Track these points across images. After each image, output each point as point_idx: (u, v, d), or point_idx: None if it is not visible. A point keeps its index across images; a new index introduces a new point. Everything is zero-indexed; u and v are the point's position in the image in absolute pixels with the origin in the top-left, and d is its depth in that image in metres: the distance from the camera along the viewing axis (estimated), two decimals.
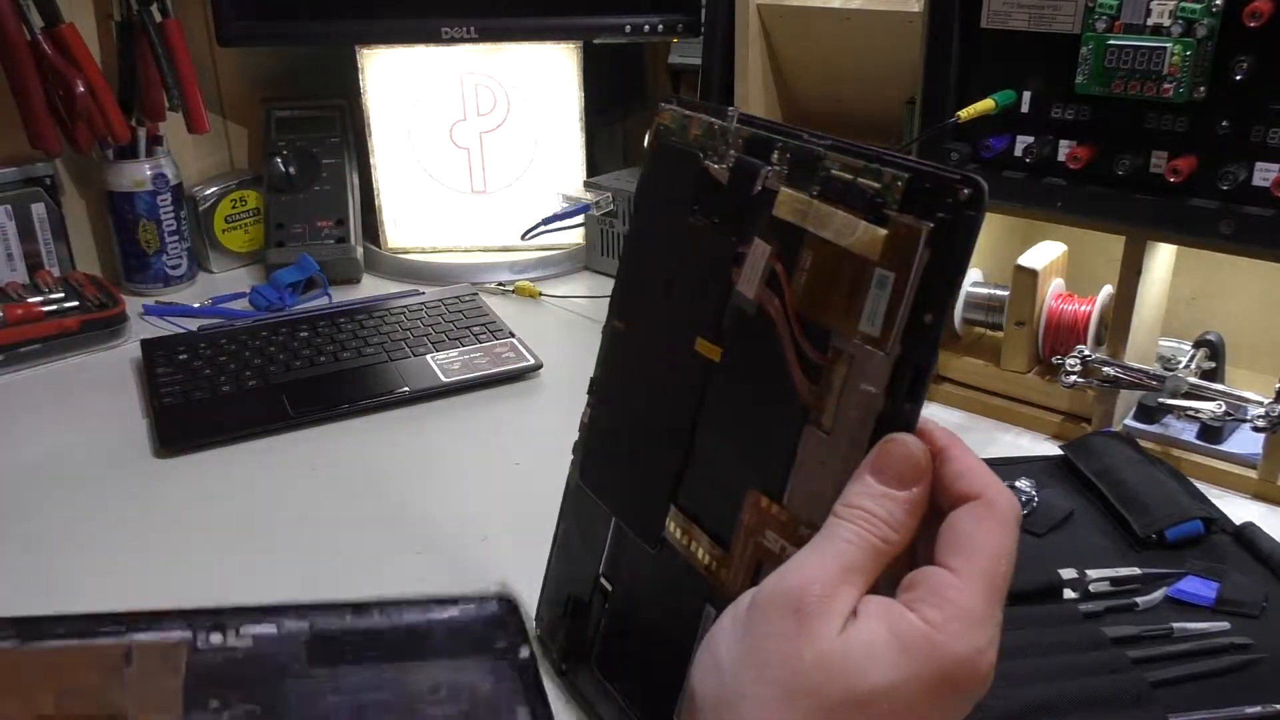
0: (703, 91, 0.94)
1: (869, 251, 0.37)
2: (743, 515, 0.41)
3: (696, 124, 0.46)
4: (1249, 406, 0.70)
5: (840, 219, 0.38)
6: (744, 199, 0.43)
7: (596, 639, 0.50)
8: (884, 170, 0.37)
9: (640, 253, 0.50)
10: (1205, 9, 0.63)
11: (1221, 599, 0.59)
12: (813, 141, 0.40)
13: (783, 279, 0.40)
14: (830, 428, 0.38)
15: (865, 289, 0.37)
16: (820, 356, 0.39)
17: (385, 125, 1.15)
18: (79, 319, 0.97)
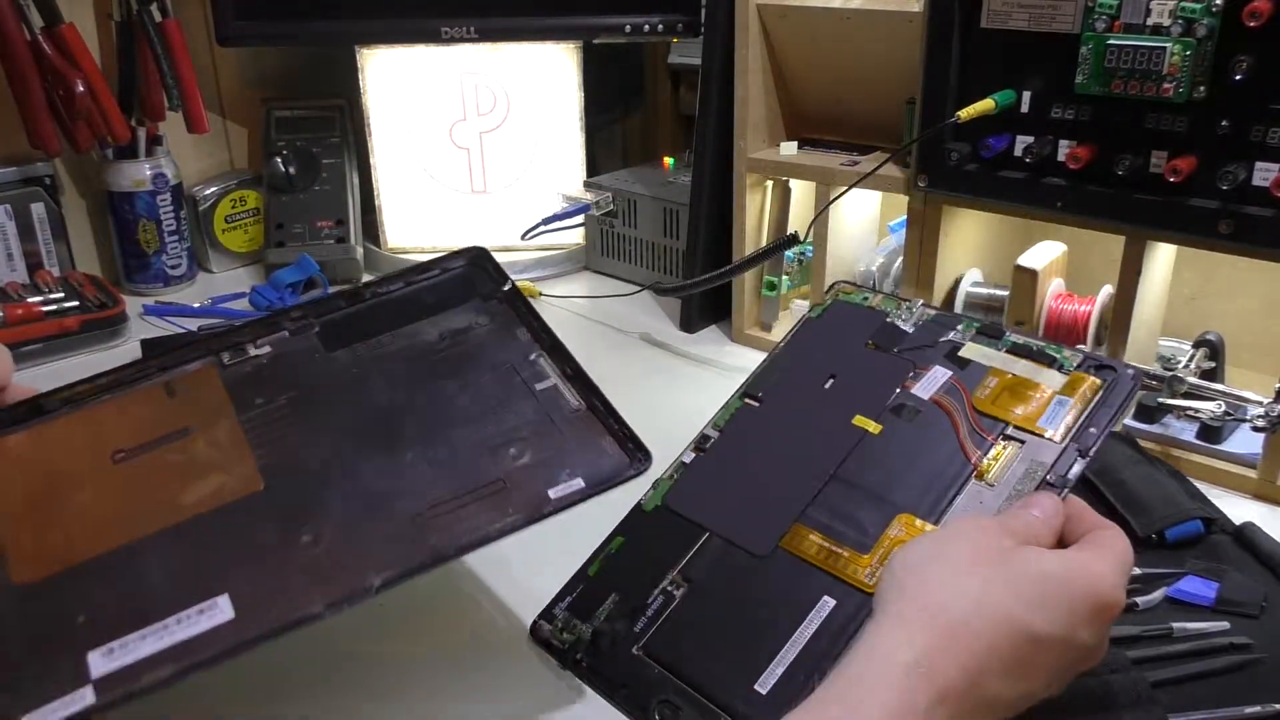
0: (702, 91, 0.94)
1: (1052, 384, 0.55)
2: (891, 530, 0.51)
3: (879, 299, 0.63)
4: (1249, 406, 0.70)
5: (1025, 364, 0.56)
6: (929, 343, 0.59)
7: (649, 630, 0.53)
8: (1064, 347, 0.56)
9: (796, 360, 0.62)
10: (1205, 9, 0.63)
11: (1221, 599, 0.59)
12: (991, 324, 0.59)
13: (963, 390, 0.56)
14: (994, 483, 0.52)
15: (1045, 405, 0.54)
16: (993, 438, 0.54)
17: (385, 125, 1.15)
18: (79, 319, 0.97)
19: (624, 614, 0.54)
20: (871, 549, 0.51)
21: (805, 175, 0.91)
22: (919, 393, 0.57)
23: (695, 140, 0.97)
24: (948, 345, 0.58)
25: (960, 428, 0.54)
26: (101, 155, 1.07)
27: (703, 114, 0.95)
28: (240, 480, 0.50)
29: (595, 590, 0.56)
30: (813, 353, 0.62)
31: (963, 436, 0.54)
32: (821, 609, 0.49)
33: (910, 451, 0.54)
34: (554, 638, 0.55)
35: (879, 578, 0.46)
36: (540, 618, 0.56)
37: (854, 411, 0.57)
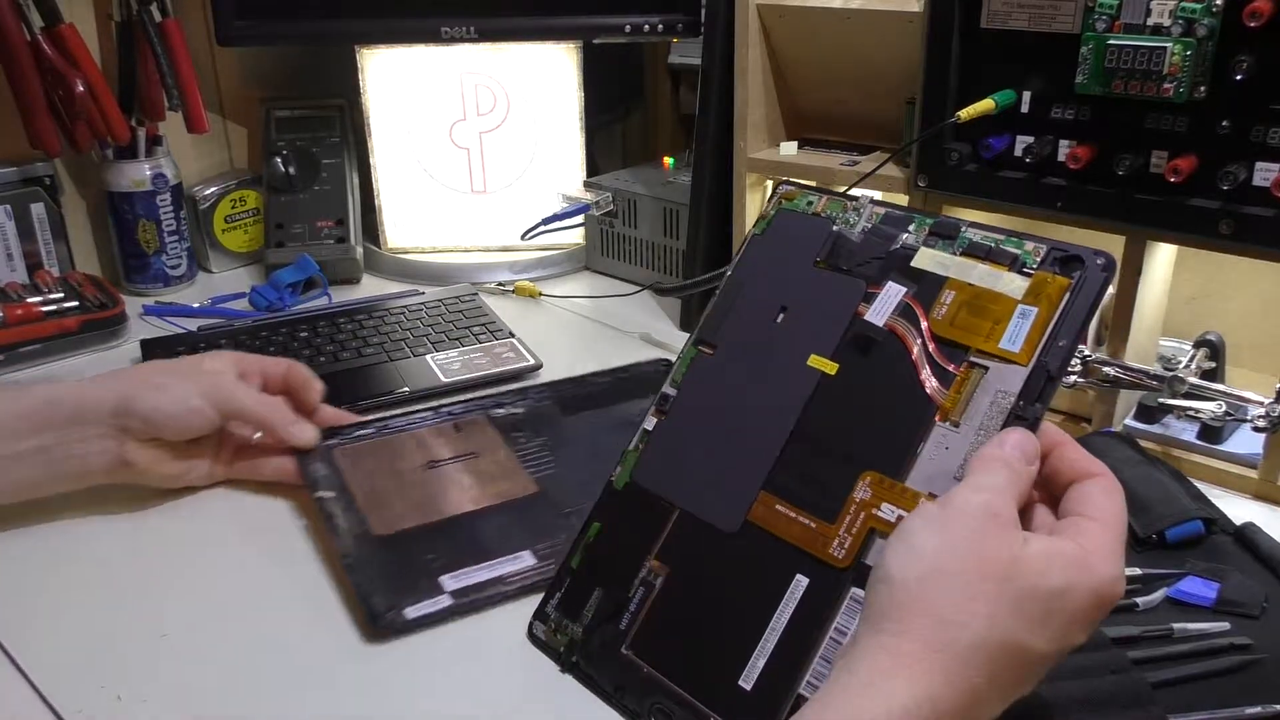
0: (702, 91, 0.94)
1: (1013, 292, 0.49)
2: (855, 493, 0.49)
3: (825, 201, 0.58)
4: (1249, 406, 0.70)
5: (983, 269, 0.50)
6: (878, 254, 0.54)
7: (633, 626, 0.53)
8: (1024, 240, 0.50)
9: (746, 292, 0.58)
10: (1205, 9, 0.63)
11: (1222, 599, 0.59)
12: (947, 220, 0.53)
13: (919, 311, 0.51)
14: (959, 421, 0.48)
15: (1006, 319, 0.49)
16: (955, 368, 0.49)
17: (385, 125, 1.15)
18: (78, 319, 0.97)
19: (610, 610, 0.54)
20: (838, 516, 0.49)
21: (805, 175, 0.91)
22: (873, 318, 0.52)
23: (695, 140, 0.97)
24: (900, 254, 0.53)
25: (918, 360, 0.50)
26: (101, 155, 1.07)
27: (703, 114, 0.95)
28: (520, 486, 0.71)
29: (580, 584, 0.56)
30: (761, 280, 0.57)
31: (921, 371, 0.50)
32: (795, 590, 0.49)
33: (869, 394, 0.51)
34: (549, 639, 0.56)
35: (871, 580, 0.43)
36: (535, 617, 0.57)
37: (809, 349, 0.53)
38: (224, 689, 0.55)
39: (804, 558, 0.49)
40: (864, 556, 0.48)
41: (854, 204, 0.56)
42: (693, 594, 0.52)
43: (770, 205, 0.60)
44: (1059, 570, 0.41)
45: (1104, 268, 0.48)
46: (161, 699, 0.55)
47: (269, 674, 0.57)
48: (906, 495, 0.48)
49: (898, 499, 0.48)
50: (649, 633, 0.53)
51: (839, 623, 0.47)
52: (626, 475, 0.57)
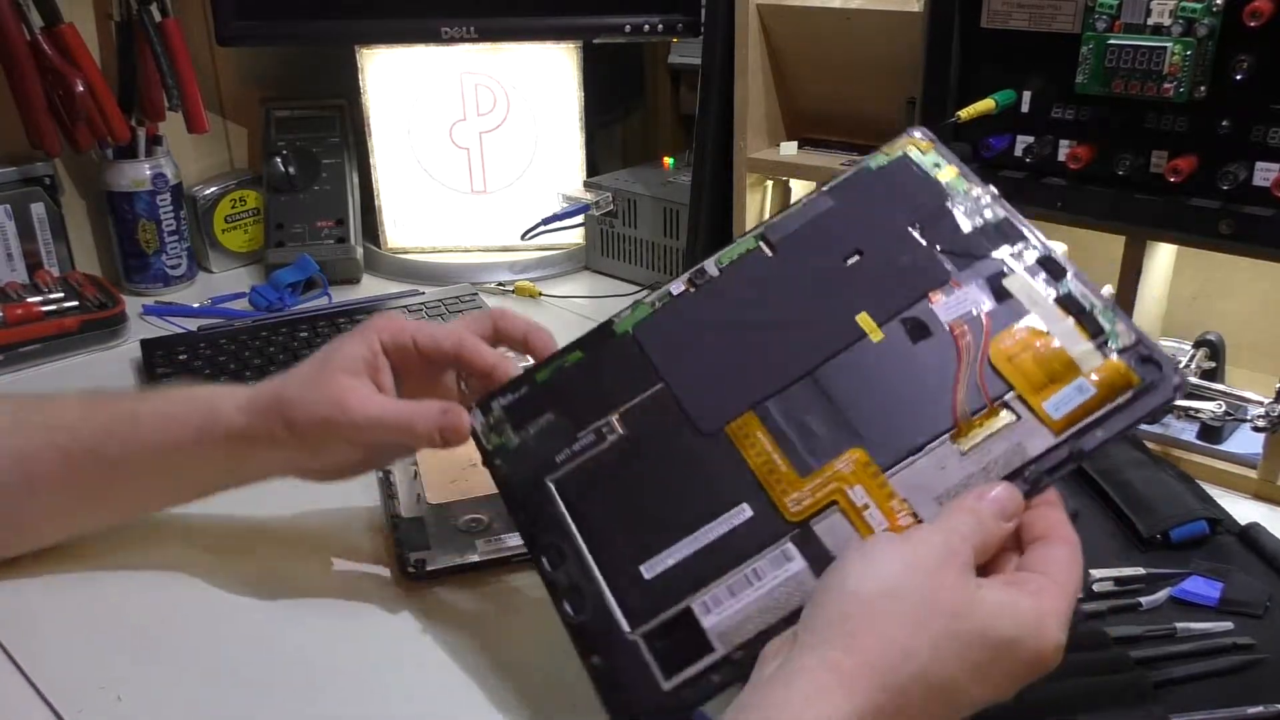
0: (702, 91, 0.94)
1: (1084, 363, 0.46)
2: (837, 462, 0.48)
3: (954, 173, 0.54)
4: (1249, 406, 0.71)
5: (1068, 326, 0.47)
6: (978, 254, 0.51)
7: (568, 464, 0.53)
8: (1119, 319, 0.47)
9: (831, 217, 0.55)
10: (1205, 9, 0.63)
11: (1225, 599, 0.59)
12: (1060, 259, 0.50)
13: (985, 330, 0.49)
14: (968, 451, 0.46)
15: (1063, 384, 0.46)
16: (991, 400, 0.47)
17: (385, 125, 1.15)
18: (78, 319, 0.97)
19: (553, 439, 0.54)
20: (810, 474, 0.48)
21: (805, 175, 0.91)
22: (940, 312, 0.50)
23: (695, 140, 0.97)
24: (997, 266, 0.50)
25: (962, 374, 0.48)
26: (101, 155, 1.07)
27: (703, 114, 0.95)
28: None
29: (537, 399, 0.56)
30: (852, 214, 0.55)
31: (960, 385, 0.48)
32: (736, 515, 0.48)
33: (900, 377, 0.49)
34: (484, 433, 0.56)
35: (823, 587, 0.43)
36: (478, 404, 0.57)
37: (863, 306, 0.51)
38: (224, 689, 0.55)
39: (759, 493, 0.49)
40: (813, 522, 0.47)
41: (981, 191, 0.53)
42: (638, 467, 0.52)
43: (898, 145, 0.56)
44: (1011, 622, 0.40)
45: (1177, 387, 0.45)
46: (161, 699, 0.55)
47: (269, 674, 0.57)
48: (884, 490, 0.47)
49: (873, 490, 0.47)
50: (580, 478, 0.52)
51: (759, 566, 0.47)
52: (629, 324, 0.56)
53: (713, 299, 0.55)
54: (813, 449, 0.49)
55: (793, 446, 0.49)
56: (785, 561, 0.47)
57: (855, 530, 0.46)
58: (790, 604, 0.45)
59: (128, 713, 0.54)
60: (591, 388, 0.55)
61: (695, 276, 0.56)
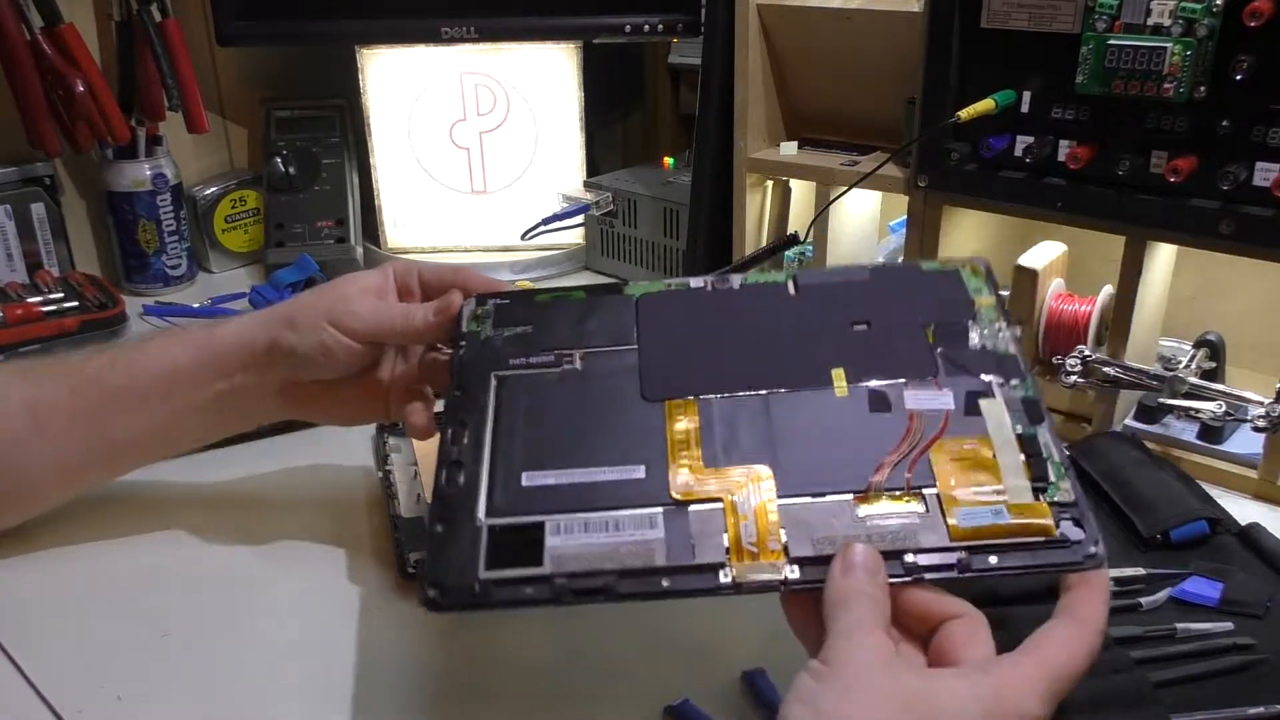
0: (702, 91, 0.94)
1: (1012, 497, 0.46)
2: (737, 469, 0.49)
3: (989, 302, 0.56)
4: (1249, 406, 0.70)
5: (1016, 462, 0.48)
6: (971, 370, 0.52)
7: (517, 370, 0.56)
8: (1067, 477, 0.47)
9: (868, 287, 0.58)
10: (1205, 9, 0.63)
11: (1226, 599, 0.59)
12: (1043, 409, 0.50)
13: (940, 428, 0.50)
14: (863, 517, 0.47)
15: (983, 505, 0.46)
16: (909, 484, 0.47)
17: (385, 125, 1.15)
18: (79, 319, 0.97)
19: (518, 345, 0.57)
20: (710, 469, 0.49)
21: (805, 175, 0.91)
22: (908, 397, 0.52)
23: (695, 140, 0.97)
24: (982, 386, 0.52)
25: (897, 452, 0.49)
26: (101, 155, 1.07)
27: (703, 114, 0.95)
28: None
29: (525, 312, 0.59)
30: (882, 295, 0.58)
31: (889, 460, 0.49)
32: (630, 471, 0.50)
33: (841, 434, 0.50)
34: (467, 318, 0.60)
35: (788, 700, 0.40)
36: (476, 297, 0.61)
37: (844, 364, 0.53)
38: (225, 689, 0.55)
39: (660, 462, 0.50)
40: (691, 506, 0.48)
41: (1005, 326, 0.55)
42: (573, 397, 0.54)
43: (956, 263, 0.59)
44: (971, 699, 0.39)
45: (1089, 557, 0.44)
46: (161, 699, 0.55)
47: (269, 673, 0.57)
48: (769, 509, 0.47)
49: (760, 505, 0.48)
50: (520, 384, 0.55)
51: (623, 519, 0.48)
52: (639, 291, 0.60)
53: (721, 303, 0.58)
54: (729, 451, 0.50)
55: (712, 440, 0.51)
56: (648, 526, 0.47)
57: (725, 531, 0.47)
58: (629, 563, 0.46)
59: (128, 713, 0.54)
60: (575, 324, 0.58)
61: (718, 281, 0.59)
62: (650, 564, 0.46)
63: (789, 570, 0.45)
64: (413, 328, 0.62)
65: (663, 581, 0.46)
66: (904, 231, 0.84)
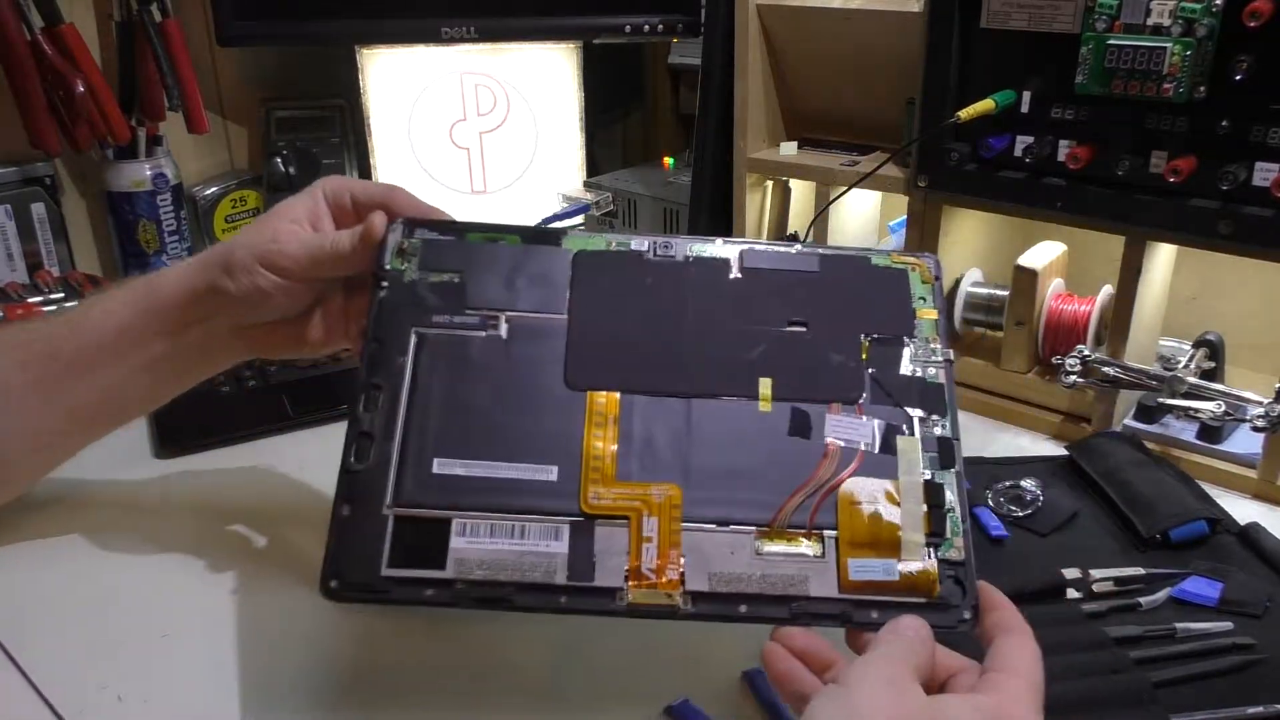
0: (702, 91, 0.94)
1: (905, 553, 0.48)
2: (654, 488, 0.49)
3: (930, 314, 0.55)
4: (1249, 406, 0.70)
5: (918, 513, 0.49)
6: (896, 400, 0.52)
7: (439, 330, 0.53)
8: (962, 538, 0.48)
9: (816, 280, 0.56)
10: (1205, 9, 0.63)
11: (1225, 599, 0.59)
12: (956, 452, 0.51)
13: (853, 466, 0.50)
14: (762, 554, 0.48)
15: (876, 555, 0.48)
16: (813, 525, 0.48)
17: (385, 125, 1.15)
18: None
19: (443, 297, 0.54)
20: (622, 482, 0.49)
21: (805, 175, 0.91)
22: (830, 425, 0.51)
23: (695, 140, 0.97)
24: (902, 419, 0.51)
25: (807, 488, 0.49)
26: (101, 155, 1.07)
27: (703, 114, 0.95)
28: None
29: (455, 253, 0.56)
30: (825, 289, 0.55)
31: (798, 496, 0.49)
32: (542, 472, 0.49)
33: (758, 453, 0.50)
34: (392, 250, 0.56)
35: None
36: (404, 222, 0.57)
37: (774, 374, 0.52)
38: (225, 689, 0.55)
39: (573, 469, 0.49)
40: (599, 522, 0.48)
41: (940, 348, 0.54)
42: (494, 373, 0.52)
43: (908, 260, 0.57)
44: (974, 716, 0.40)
45: (963, 622, 0.46)
46: (161, 699, 0.55)
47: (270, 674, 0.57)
48: (673, 537, 0.48)
49: (664, 530, 0.48)
50: (440, 347, 0.53)
51: (529, 526, 0.48)
52: (577, 245, 0.56)
53: (661, 276, 0.55)
54: (644, 462, 0.49)
55: (628, 449, 0.50)
56: (552, 538, 0.48)
57: (627, 553, 0.47)
58: (529, 576, 0.47)
59: (128, 713, 0.54)
60: (505, 276, 0.55)
61: (661, 248, 0.56)
62: (550, 580, 0.46)
63: (682, 602, 0.47)
64: (340, 255, 0.58)
65: (560, 598, 0.47)
66: (904, 231, 0.84)
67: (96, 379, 0.61)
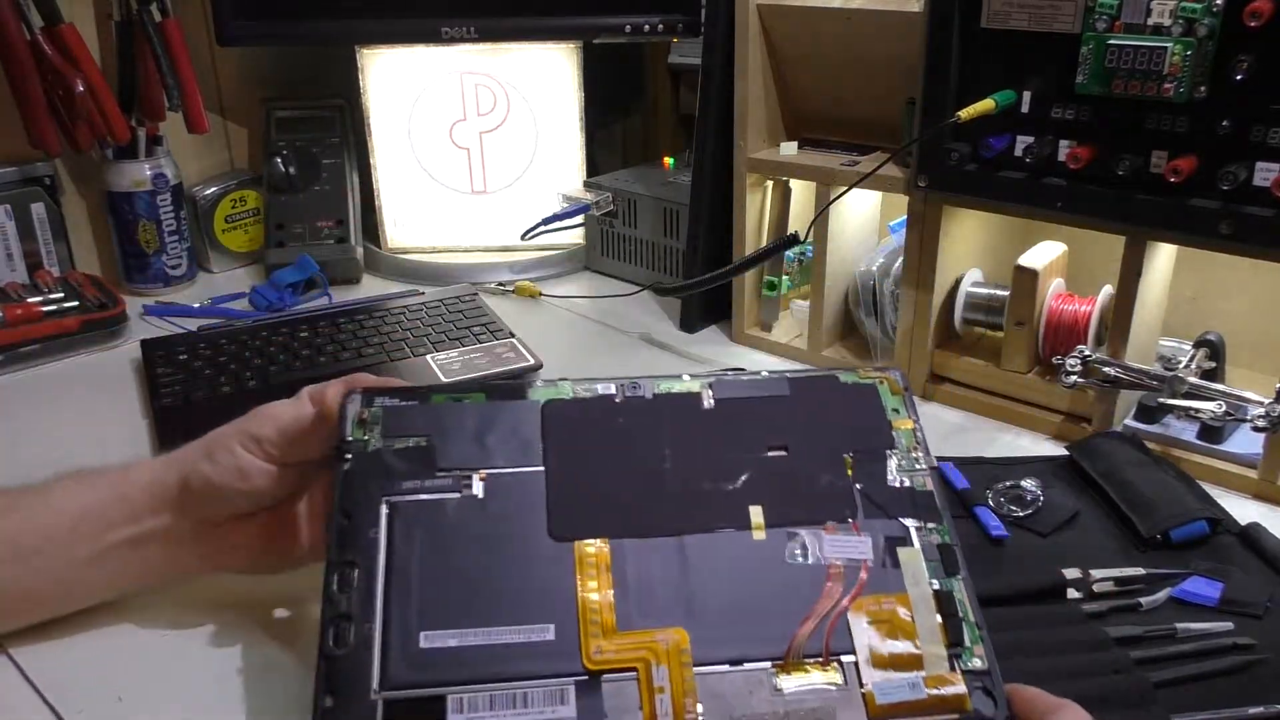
0: (702, 91, 0.94)
1: (929, 667, 0.47)
2: (659, 634, 0.47)
3: (907, 424, 0.56)
4: (1249, 406, 0.70)
5: (934, 624, 0.48)
6: (890, 513, 0.52)
7: (410, 495, 0.51)
8: (982, 644, 0.48)
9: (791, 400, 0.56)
10: (1205, 9, 0.63)
11: (1225, 599, 0.59)
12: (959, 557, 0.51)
13: (859, 584, 0.49)
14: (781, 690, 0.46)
15: (899, 671, 0.46)
16: (827, 651, 0.47)
17: (385, 125, 1.15)
18: (79, 319, 0.97)
19: (411, 462, 0.51)
20: (624, 632, 0.47)
21: (805, 175, 0.91)
22: (827, 545, 0.50)
23: (695, 140, 0.97)
24: (901, 531, 0.51)
25: (816, 612, 0.48)
26: (101, 155, 1.07)
27: (703, 114, 0.95)
28: None
29: (418, 417, 0.53)
30: (800, 412, 0.55)
31: (810, 622, 0.47)
32: (538, 633, 0.47)
33: (760, 584, 0.49)
34: (352, 420, 0.53)
35: None
36: (362, 392, 0.54)
37: (763, 501, 0.51)
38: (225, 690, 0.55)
39: (571, 623, 0.47)
40: (605, 677, 0.46)
41: (923, 457, 0.54)
42: (474, 534, 0.50)
43: (874, 376, 0.57)
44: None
45: None
46: (161, 699, 0.55)
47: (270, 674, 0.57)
48: (687, 684, 0.45)
49: (676, 677, 0.46)
50: (413, 515, 0.50)
51: (531, 693, 0.45)
52: (544, 396, 0.55)
53: (632, 418, 0.54)
54: (643, 608, 0.47)
55: (626, 596, 0.48)
56: (558, 702, 0.45)
57: (640, 709, 0.45)
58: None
59: (128, 713, 0.54)
60: (474, 435, 0.53)
61: (628, 389, 0.55)
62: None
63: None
64: (305, 430, 0.56)
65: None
66: (904, 231, 0.84)
67: (36, 566, 0.57)
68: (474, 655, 0.46)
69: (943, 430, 0.83)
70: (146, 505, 0.57)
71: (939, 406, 0.87)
